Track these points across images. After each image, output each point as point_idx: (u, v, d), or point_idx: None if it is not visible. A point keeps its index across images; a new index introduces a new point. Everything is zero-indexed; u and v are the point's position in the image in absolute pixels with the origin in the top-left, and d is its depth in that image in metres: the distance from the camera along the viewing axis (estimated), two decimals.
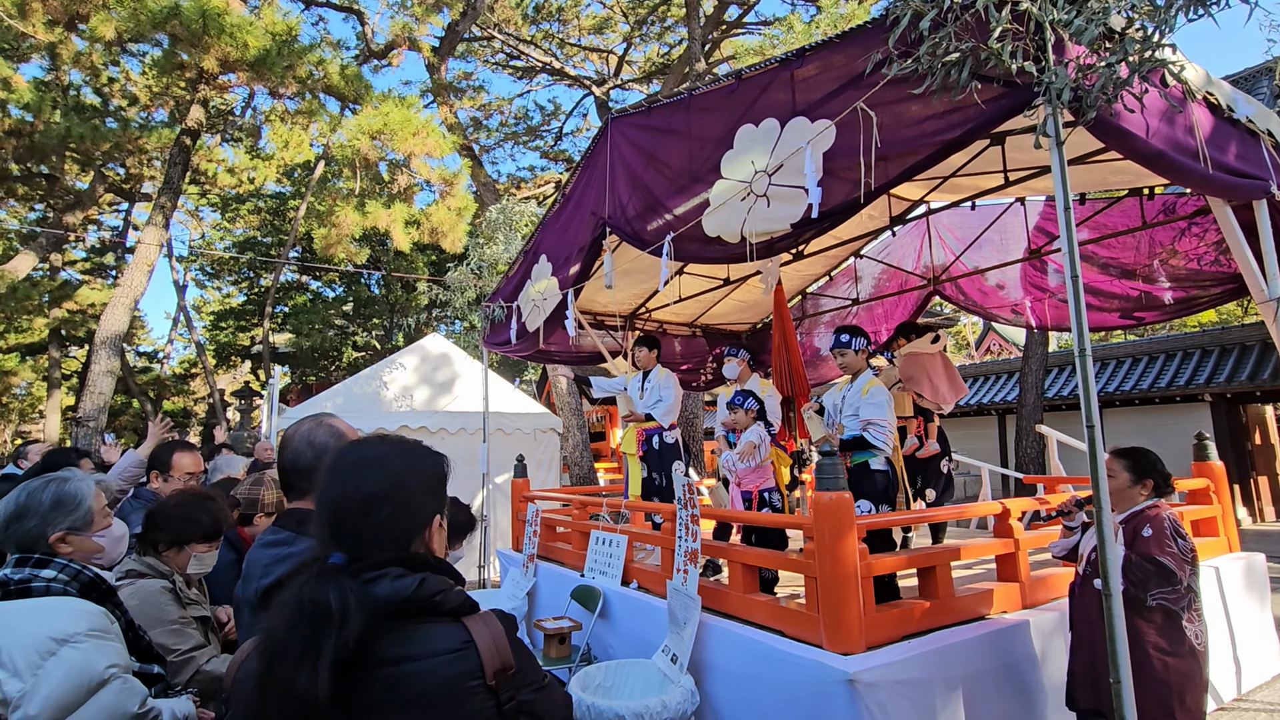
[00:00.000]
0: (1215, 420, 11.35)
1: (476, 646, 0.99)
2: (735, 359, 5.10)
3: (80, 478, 1.91)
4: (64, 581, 1.72)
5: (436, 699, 0.96)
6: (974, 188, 5.04)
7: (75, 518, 1.83)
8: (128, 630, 1.85)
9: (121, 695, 1.59)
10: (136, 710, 1.60)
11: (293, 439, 1.59)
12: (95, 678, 1.56)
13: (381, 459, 1.09)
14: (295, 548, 1.42)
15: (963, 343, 28.90)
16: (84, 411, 10.43)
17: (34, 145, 11.83)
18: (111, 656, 1.62)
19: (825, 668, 2.73)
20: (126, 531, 2.07)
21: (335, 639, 0.90)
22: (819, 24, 12.12)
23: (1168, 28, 2.20)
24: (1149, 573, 2.51)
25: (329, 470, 1.08)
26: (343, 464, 1.08)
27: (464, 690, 0.97)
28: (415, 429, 7.88)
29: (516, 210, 12.90)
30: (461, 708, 0.97)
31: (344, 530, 1.03)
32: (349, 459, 1.09)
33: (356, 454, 1.09)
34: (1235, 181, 3.06)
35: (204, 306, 26.84)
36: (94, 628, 1.64)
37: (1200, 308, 5.03)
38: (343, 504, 1.04)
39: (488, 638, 1.01)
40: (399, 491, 1.07)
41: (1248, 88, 8.40)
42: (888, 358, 5.38)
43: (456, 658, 0.98)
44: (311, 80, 11.40)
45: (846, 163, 2.81)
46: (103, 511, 1.93)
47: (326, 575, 0.97)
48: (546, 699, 1.08)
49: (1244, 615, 4.18)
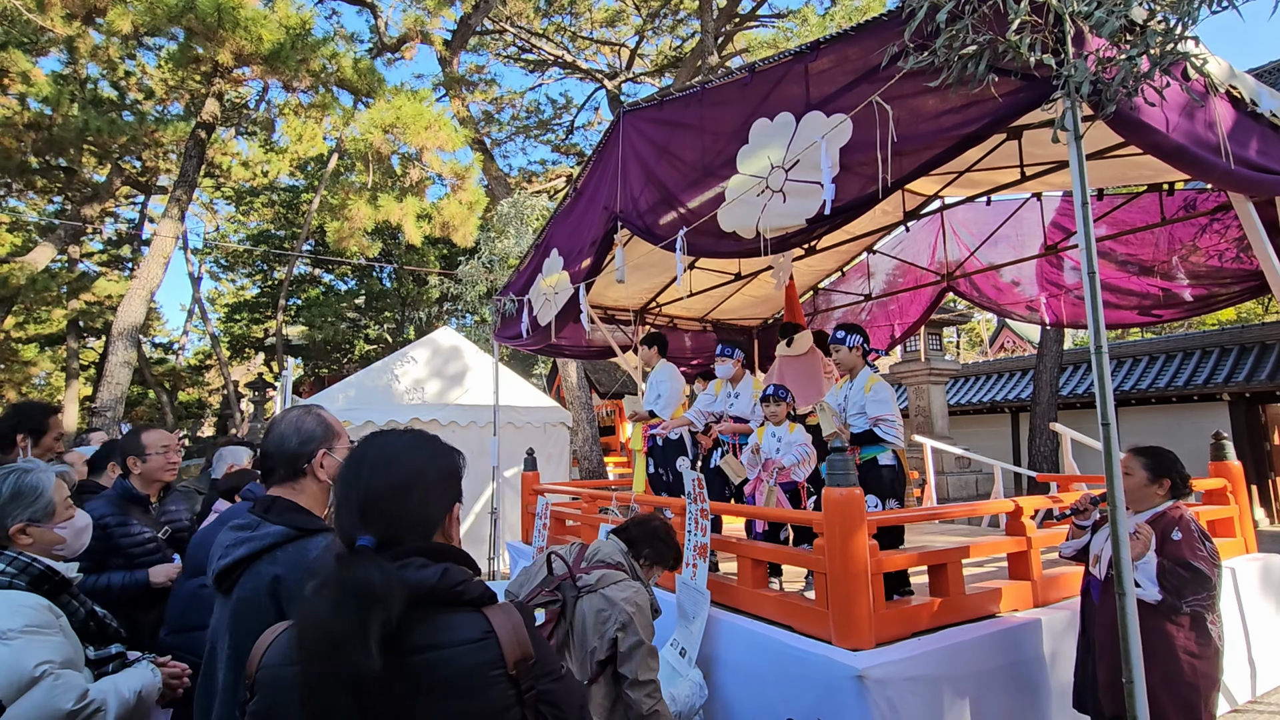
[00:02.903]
0: (1234, 420, 11.19)
1: (497, 636, 1.01)
2: (730, 359, 4.98)
3: (41, 469, 1.90)
4: (11, 575, 1.70)
5: (461, 687, 0.97)
6: (990, 183, 4.99)
7: (35, 509, 1.83)
8: (88, 619, 1.85)
9: (53, 693, 1.55)
10: (71, 707, 1.56)
11: (279, 423, 1.56)
12: (25, 675, 1.52)
13: (407, 449, 1.12)
14: (258, 532, 1.40)
15: (976, 340, 28.68)
16: (101, 401, 10.58)
17: (52, 138, 11.97)
18: (45, 653, 1.58)
19: (834, 663, 2.73)
20: (90, 522, 2.06)
21: (383, 615, 0.91)
22: (833, 16, 12.03)
23: (1190, 20, 2.16)
24: (1184, 579, 2.47)
25: (356, 458, 1.10)
26: (370, 452, 1.10)
27: (487, 679, 0.98)
28: (426, 422, 7.92)
29: (528, 204, 12.93)
30: (484, 696, 0.98)
31: (374, 515, 1.05)
32: (376, 448, 1.11)
33: (383, 443, 1.12)
34: (1258, 177, 3.00)
35: (218, 299, 27.12)
36: (30, 623, 1.60)
37: (1220, 305, 4.96)
38: (373, 490, 1.06)
39: (508, 628, 1.02)
40: (423, 480, 1.10)
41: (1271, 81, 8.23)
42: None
43: (479, 647, 0.99)
44: (325, 74, 11.46)
45: (863, 157, 2.79)
46: (64, 503, 1.93)
47: (363, 556, 0.98)
48: (564, 688, 1.08)
49: (1260, 617, 4.13)
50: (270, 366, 24.33)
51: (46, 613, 1.68)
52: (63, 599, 1.79)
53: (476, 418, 8.21)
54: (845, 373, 3.96)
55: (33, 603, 1.67)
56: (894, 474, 3.70)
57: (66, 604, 1.80)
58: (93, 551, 2.37)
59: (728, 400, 4.93)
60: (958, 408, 14.76)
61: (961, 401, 15.04)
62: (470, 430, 8.21)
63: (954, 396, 15.33)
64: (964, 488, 11.34)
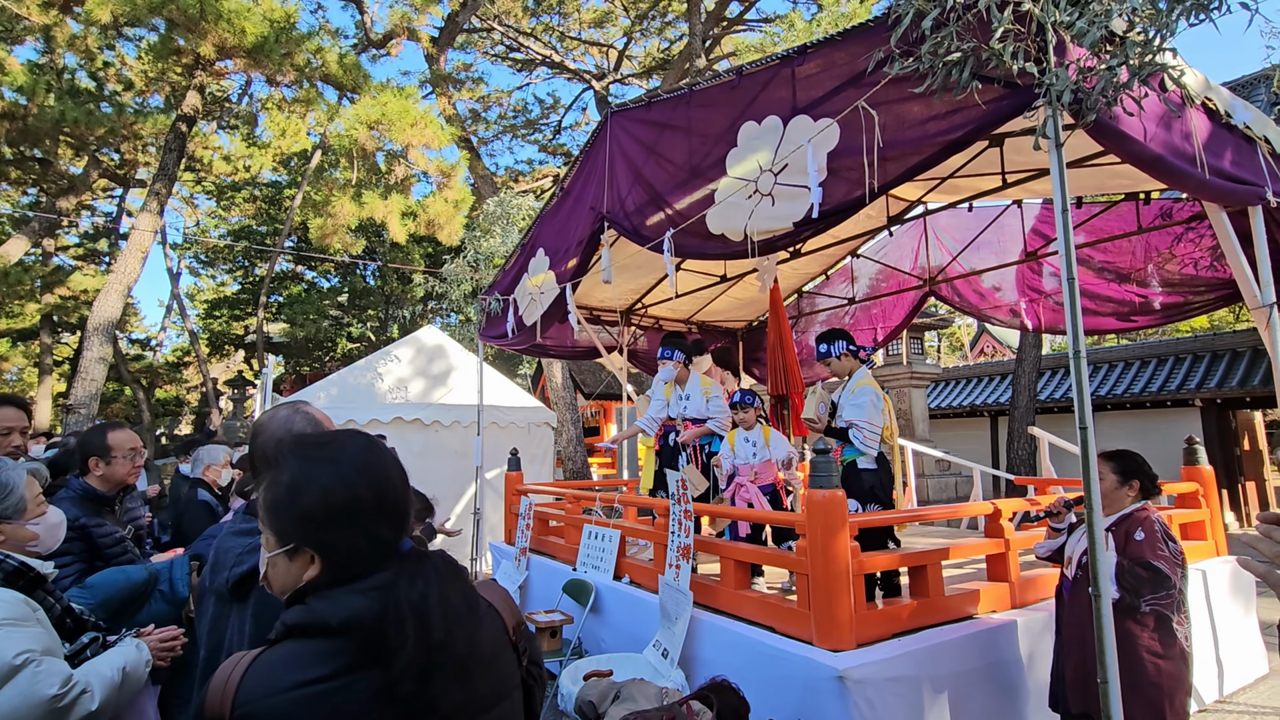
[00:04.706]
0: (1205, 425, 11.42)
1: (495, 608, 1.08)
2: (671, 361, 4.81)
3: (11, 466, 1.90)
4: None
5: (491, 658, 1.04)
6: (972, 189, 5.05)
7: (6, 506, 1.83)
8: (64, 616, 1.85)
9: (35, 681, 1.57)
10: (55, 691, 1.58)
11: (268, 425, 1.52)
12: (5, 665, 1.54)
13: (382, 449, 1.10)
14: None
15: (956, 344, 29.01)
16: (75, 398, 10.36)
17: (28, 129, 11.70)
18: (25, 643, 1.59)
19: (816, 664, 2.74)
20: (64, 519, 2.06)
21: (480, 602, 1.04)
22: (820, 22, 12.12)
23: (1169, 32, 2.20)
24: (1143, 579, 2.51)
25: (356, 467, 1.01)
26: (359, 453, 1.04)
27: (503, 644, 1.07)
28: (409, 421, 7.86)
29: (514, 203, 12.88)
30: (501, 663, 1.06)
31: (399, 522, 1.04)
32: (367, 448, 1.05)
33: (372, 449, 1.06)
34: (1231, 187, 3.07)
35: (198, 295, 26.68)
36: (7, 616, 1.61)
37: (1194, 313, 5.07)
38: (397, 491, 1.04)
39: (500, 598, 1.11)
40: (401, 469, 1.10)
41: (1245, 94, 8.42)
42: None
43: (491, 614, 1.07)
44: (309, 68, 11.32)
45: (849, 162, 2.81)
46: (36, 499, 1.93)
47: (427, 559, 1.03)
48: (537, 646, 1.21)
49: (1229, 618, 4.22)
50: (250, 364, 23.99)
51: (23, 605, 1.68)
52: (38, 595, 1.79)
53: (460, 417, 8.16)
54: (844, 377, 3.98)
55: (8, 597, 1.67)
56: (875, 478, 3.68)
57: (43, 600, 1.80)
58: (81, 552, 2.37)
59: (680, 404, 4.83)
60: (938, 411, 14.93)
61: (942, 405, 15.21)
62: (454, 430, 8.16)
63: (935, 400, 15.50)
64: (944, 490, 11.47)
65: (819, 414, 3.75)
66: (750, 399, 4.36)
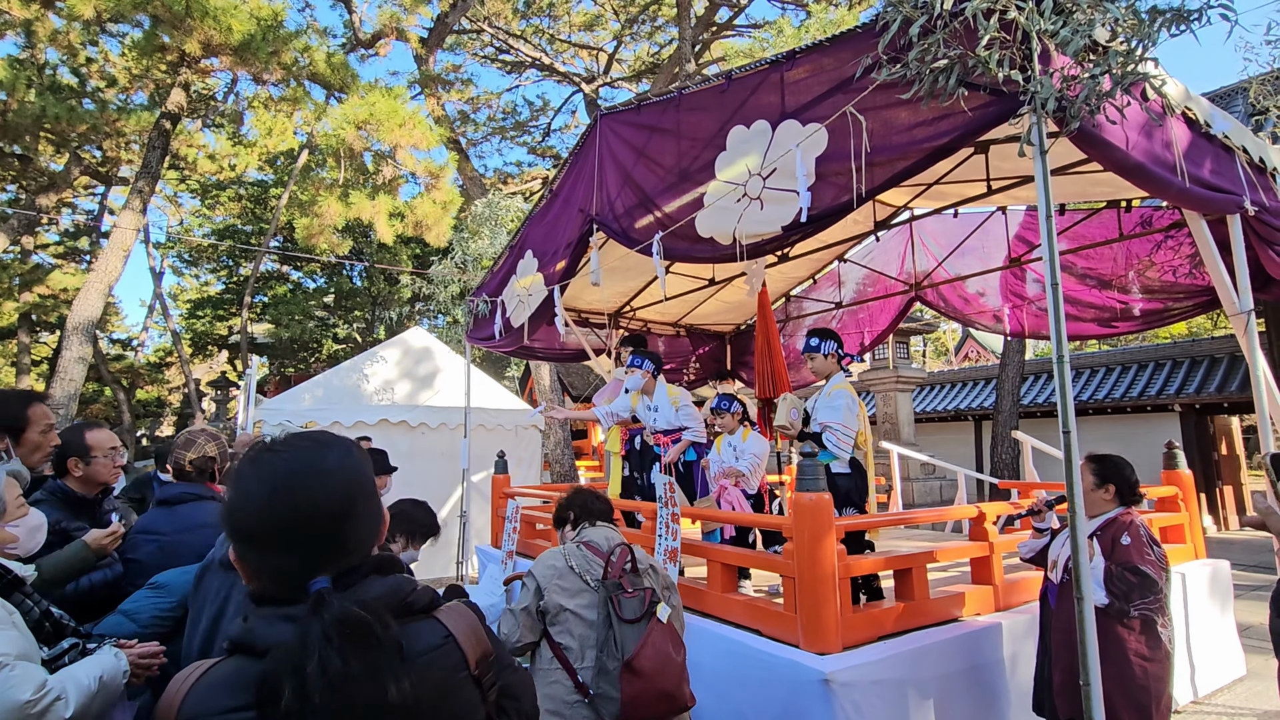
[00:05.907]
0: (1184, 430, 11.60)
1: (456, 639, 1.01)
2: (639, 370, 4.72)
3: None
4: None
5: (432, 695, 0.95)
6: (957, 195, 5.10)
7: None
8: (43, 619, 1.82)
9: (8, 684, 1.53)
10: (29, 697, 1.55)
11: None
12: None
13: (329, 461, 0.98)
14: None
15: (942, 349, 29.27)
16: (54, 399, 10.18)
17: (7, 124, 11.50)
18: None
19: (801, 667, 2.75)
20: (44, 521, 2.02)
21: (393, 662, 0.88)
22: (808, 28, 12.20)
23: (1150, 42, 2.24)
24: (1133, 584, 2.53)
25: (269, 488, 0.93)
26: (280, 474, 0.94)
27: (455, 683, 0.99)
28: (395, 423, 7.81)
29: (503, 205, 12.85)
30: (454, 699, 0.98)
31: (313, 554, 0.94)
32: (289, 468, 0.95)
33: (297, 462, 0.96)
34: (1210, 196, 3.13)
35: (181, 294, 26.34)
36: None
37: (1174, 319, 5.14)
38: (310, 521, 0.93)
39: (464, 628, 1.03)
40: (361, 492, 0.99)
41: (1224, 105, 8.59)
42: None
43: (441, 652, 0.99)
44: (297, 67, 11.22)
45: (837, 167, 2.83)
46: (16, 502, 1.89)
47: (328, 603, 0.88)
48: (520, 680, 1.12)
49: (1207, 621, 4.28)
50: (234, 365, 23.72)
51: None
52: (16, 598, 1.75)
53: (447, 419, 8.12)
54: (822, 379, 3.97)
55: None
56: (850, 482, 3.66)
57: (20, 603, 1.76)
58: None
59: (649, 415, 4.77)
60: (924, 415, 15.04)
61: (927, 409, 15.33)
62: (441, 432, 8.11)
63: (920, 404, 15.62)
64: (929, 494, 11.56)
65: (790, 420, 3.74)
66: (728, 404, 4.36)
